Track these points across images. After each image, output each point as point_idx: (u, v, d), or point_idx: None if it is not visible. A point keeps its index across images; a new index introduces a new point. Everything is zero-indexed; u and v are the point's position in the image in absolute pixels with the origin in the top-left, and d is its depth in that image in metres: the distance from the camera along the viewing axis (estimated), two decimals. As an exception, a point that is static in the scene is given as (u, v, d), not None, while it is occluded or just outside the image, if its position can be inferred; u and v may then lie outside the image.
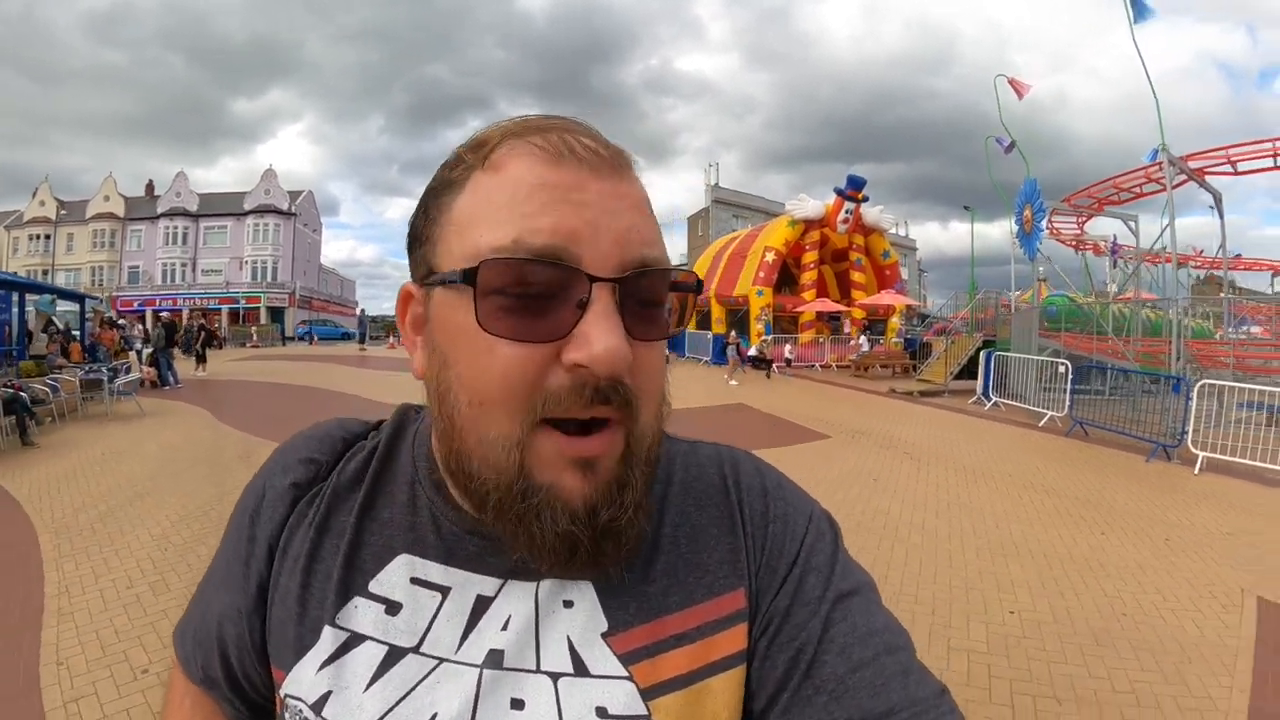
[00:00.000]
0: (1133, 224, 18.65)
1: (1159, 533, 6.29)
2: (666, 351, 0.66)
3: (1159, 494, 7.79)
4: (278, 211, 53.53)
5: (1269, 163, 14.43)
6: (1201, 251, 29.78)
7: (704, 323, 29.15)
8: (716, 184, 51.46)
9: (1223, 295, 17.78)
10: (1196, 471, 8.92)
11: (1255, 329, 25.19)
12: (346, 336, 46.15)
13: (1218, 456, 9.20)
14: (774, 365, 22.21)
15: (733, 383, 17.88)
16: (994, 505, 6.99)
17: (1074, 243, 22.68)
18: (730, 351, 19.99)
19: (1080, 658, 3.86)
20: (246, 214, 52.95)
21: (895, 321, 28.50)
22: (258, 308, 51.68)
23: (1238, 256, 32.90)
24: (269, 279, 52.84)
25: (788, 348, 23.32)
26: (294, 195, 55.53)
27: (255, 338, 40.48)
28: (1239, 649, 4.07)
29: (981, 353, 16.23)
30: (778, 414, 12.92)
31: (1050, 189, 17.57)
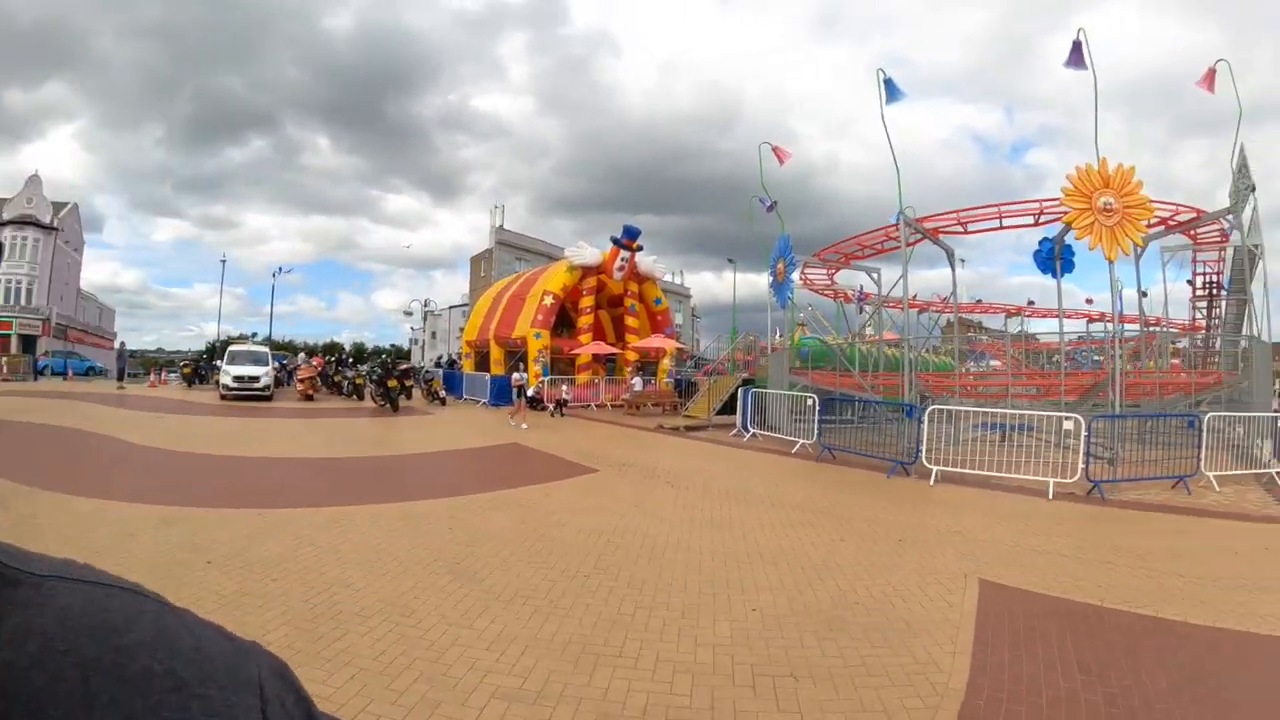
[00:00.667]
0: (875, 275, 20.64)
1: (893, 535, 7.08)
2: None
3: (896, 504, 8.78)
4: (39, 225, 45.40)
5: (994, 224, 16.56)
6: (945, 298, 34.32)
7: (483, 364, 28.87)
8: (501, 225, 51.59)
9: (969, 334, 20.37)
10: (932, 483, 10.28)
11: (995, 362, 29.30)
12: (93, 371, 39.38)
13: (951, 469, 10.69)
14: (564, 405, 22.34)
15: (523, 426, 16.78)
16: (744, 521, 7.48)
17: (827, 291, 24.80)
18: (515, 394, 18.93)
19: (816, 642, 4.20)
20: (3, 225, 43.95)
21: (666, 363, 29.89)
22: (9, 335, 43.15)
23: (978, 301, 37.80)
24: (22, 302, 44.45)
25: (564, 388, 23.58)
26: (58, 207, 47.32)
27: (4, 369, 33.66)
28: (961, 622, 4.65)
29: (739, 390, 17.35)
30: (550, 451, 12.98)
31: (821, 242, 19.27)
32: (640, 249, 28.79)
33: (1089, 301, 34.35)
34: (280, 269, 48.56)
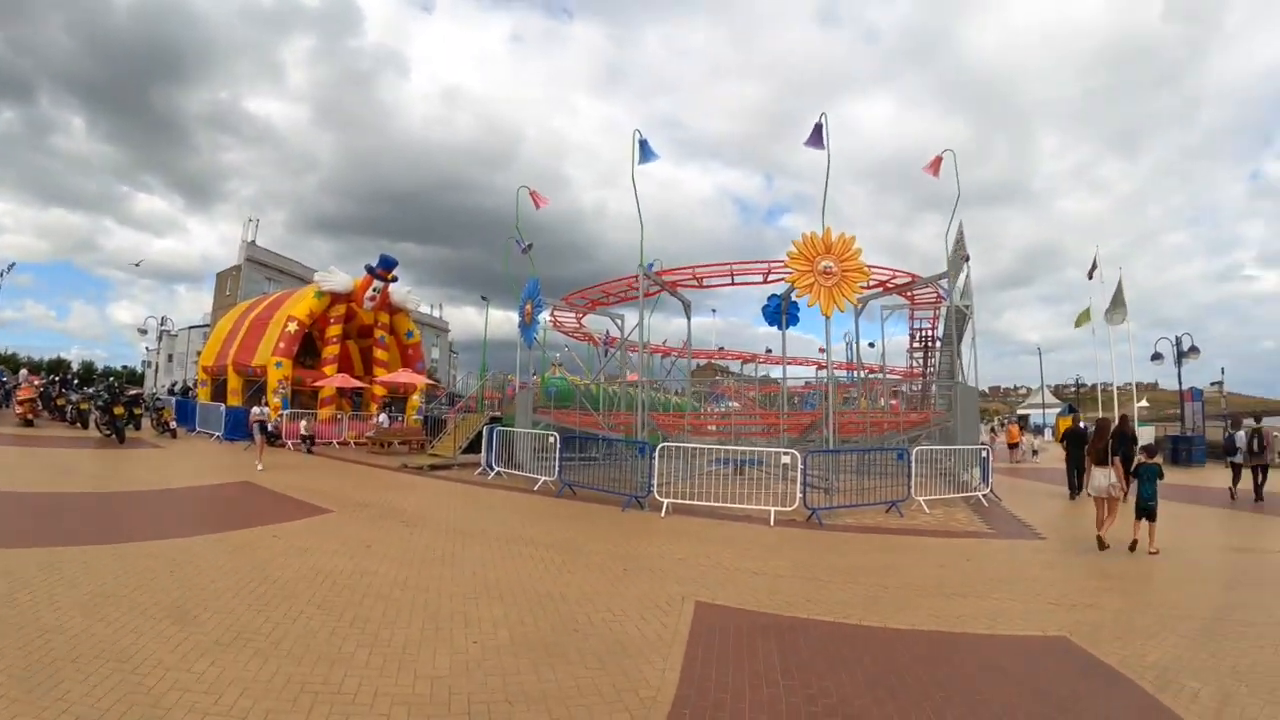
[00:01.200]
0: (619, 320, 21.67)
1: (619, 565, 7.62)
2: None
3: (627, 536, 9.40)
4: None
5: (727, 280, 18.19)
6: (685, 344, 37.08)
7: (219, 393, 26.74)
8: (254, 240, 47.98)
9: (716, 378, 22.00)
10: (663, 515, 11.06)
11: (734, 404, 32.02)
12: None
13: (683, 501, 11.55)
14: (312, 441, 21.38)
15: (258, 465, 15.40)
16: (475, 558, 7.74)
17: (578, 334, 25.58)
18: (254, 430, 17.10)
19: (533, 669, 4.52)
20: None
21: (416, 400, 29.20)
22: None
23: (720, 349, 40.89)
24: None
25: (304, 423, 22.40)
26: None
27: None
28: (674, 640, 5.19)
29: (485, 428, 17.54)
30: (284, 491, 12.37)
31: (587, 283, 19.81)
32: (395, 279, 28.22)
33: (821, 351, 39.01)
34: (9, 266, 40.79)
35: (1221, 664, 5.08)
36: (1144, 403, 39.90)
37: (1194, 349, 27.53)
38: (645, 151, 15.33)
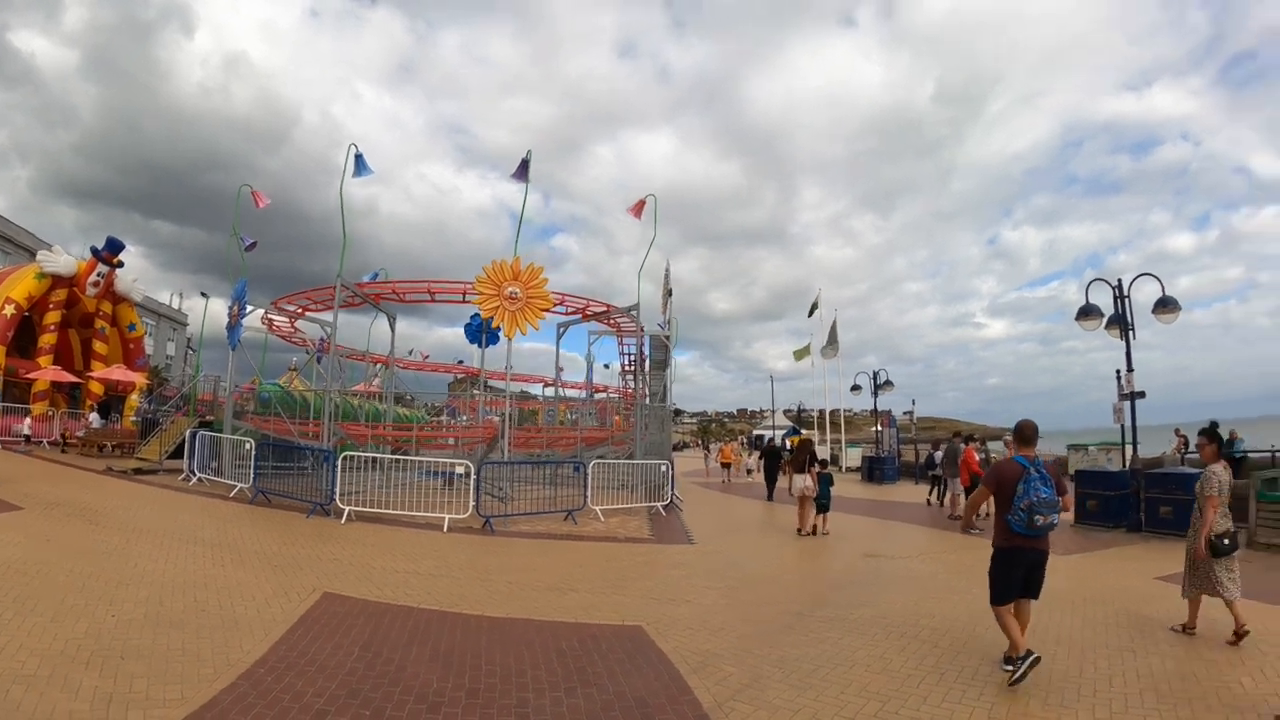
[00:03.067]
0: (329, 328, 21.43)
1: (273, 563, 8.48)
2: None
3: (298, 539, 10.15)
4: None
5: (426, 296, 19.11)
6: (413, 352, 37.13)
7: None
8: (-15, 202, 41.57)
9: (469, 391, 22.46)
10: (344, 522, 11.75)
11: (464, 418, 32.79)
12: None
13: (367, 509, 12.32)
14: (29, 439, 20.30)
15: None
16: (143, 553, 8.55)
17: (296, 338, 24.79)
18: None
19: (153, 636, 5.47)
20: None
21: (134, 399, 27.62)
22: None
23: (426, 357, 40.77)
24: None
25: (27, 421, 20.81)
26: None
27: None
28: (285, 620, 6.12)
29: (188, 432, 17.46)
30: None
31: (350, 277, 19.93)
32: (121, 264, 26.66)
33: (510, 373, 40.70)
34: None
35: (772, 653, 5.79)
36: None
37: (889, 382, 32.13)
38: (360, 166, 15.81)
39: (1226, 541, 6.23)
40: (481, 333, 17.56)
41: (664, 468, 16.50)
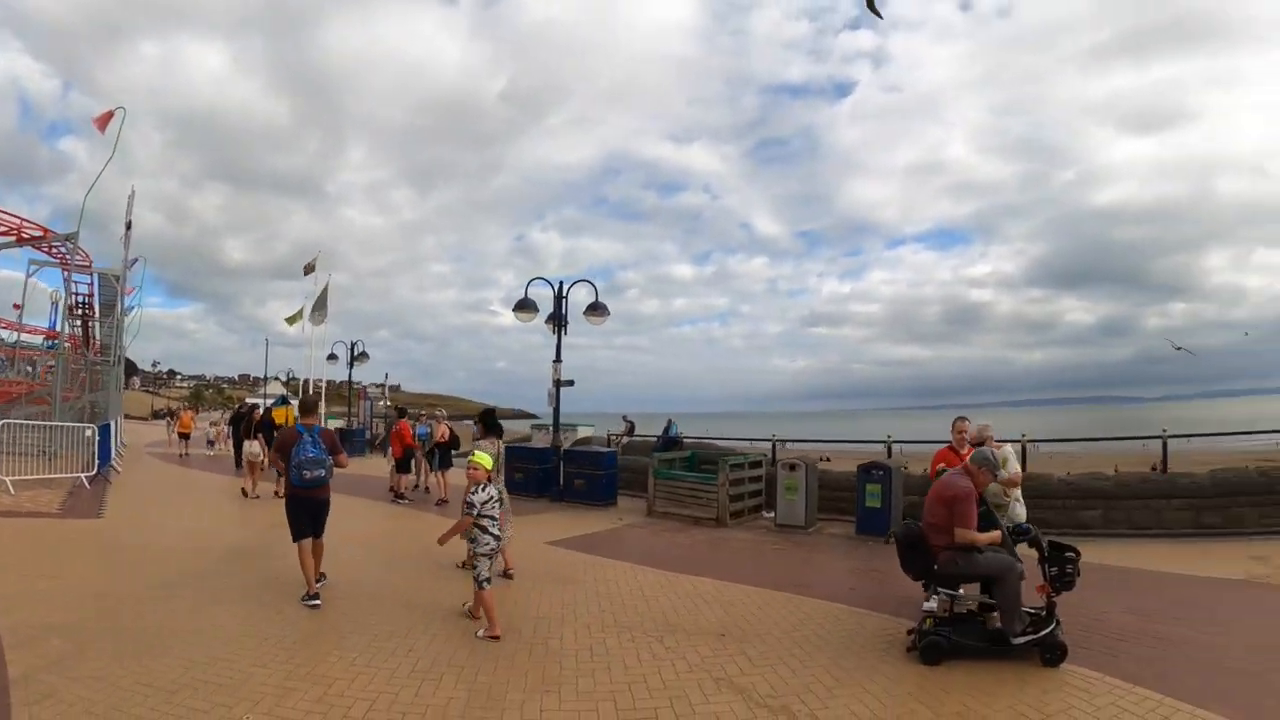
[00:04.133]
0: None
1: None
2: None
3: None
4: None
5: None
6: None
7: None
8: None
9: None
10: None
11: None
12: None
13: None
14: None
15: None
16: None
17: None
18: None
19: None
20: None
21: None
22: None
23: None
24: None
25: None
26: None
27: None
28: None
29: None
30: None
31: None
32: None
33: None
34: None
35: (117, 625, 5.70)
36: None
37: (364, 354, 30.74)
38: None
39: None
40: None
41: (89, 432, 14.58)
